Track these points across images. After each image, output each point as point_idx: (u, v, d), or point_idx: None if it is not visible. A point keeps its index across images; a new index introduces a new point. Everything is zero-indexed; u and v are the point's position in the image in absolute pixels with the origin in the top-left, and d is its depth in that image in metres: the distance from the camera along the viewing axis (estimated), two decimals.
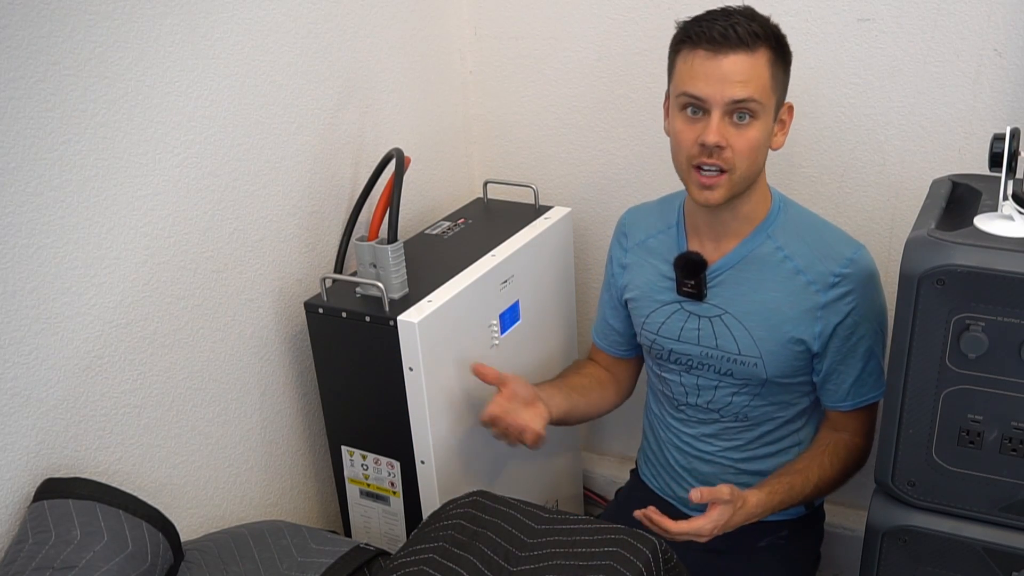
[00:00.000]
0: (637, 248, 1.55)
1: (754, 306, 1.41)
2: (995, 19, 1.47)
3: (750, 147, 1.31)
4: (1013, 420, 1.12)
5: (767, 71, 1.30)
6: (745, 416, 1.49)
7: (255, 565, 1.27)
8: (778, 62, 1.32)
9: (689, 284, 1.44)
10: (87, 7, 1.18)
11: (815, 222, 1.44)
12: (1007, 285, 1.06)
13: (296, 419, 1.64)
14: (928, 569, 1.23)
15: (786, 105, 1.38)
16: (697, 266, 1.43)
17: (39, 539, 1.14)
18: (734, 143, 1.30)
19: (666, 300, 1.49)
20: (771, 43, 1.30)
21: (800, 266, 1.39)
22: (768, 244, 1.41)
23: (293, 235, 1.57)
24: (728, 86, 1.28)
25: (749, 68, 1.28)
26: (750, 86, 1.28)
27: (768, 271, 1.41)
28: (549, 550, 1.16)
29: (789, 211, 1.44)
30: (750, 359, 1.43)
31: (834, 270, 1.38)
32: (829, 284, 1.38)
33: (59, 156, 1.18)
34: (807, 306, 1.39)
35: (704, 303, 1.45)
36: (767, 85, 1.30)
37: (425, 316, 1.42)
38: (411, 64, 1.78)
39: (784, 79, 1.35)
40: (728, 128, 1.30)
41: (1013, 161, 1.16)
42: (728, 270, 1.43)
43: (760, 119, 1.31)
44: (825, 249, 1.39)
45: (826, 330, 1.39)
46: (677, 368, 1.51)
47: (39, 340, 1.19)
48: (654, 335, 1.51)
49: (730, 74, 1.28)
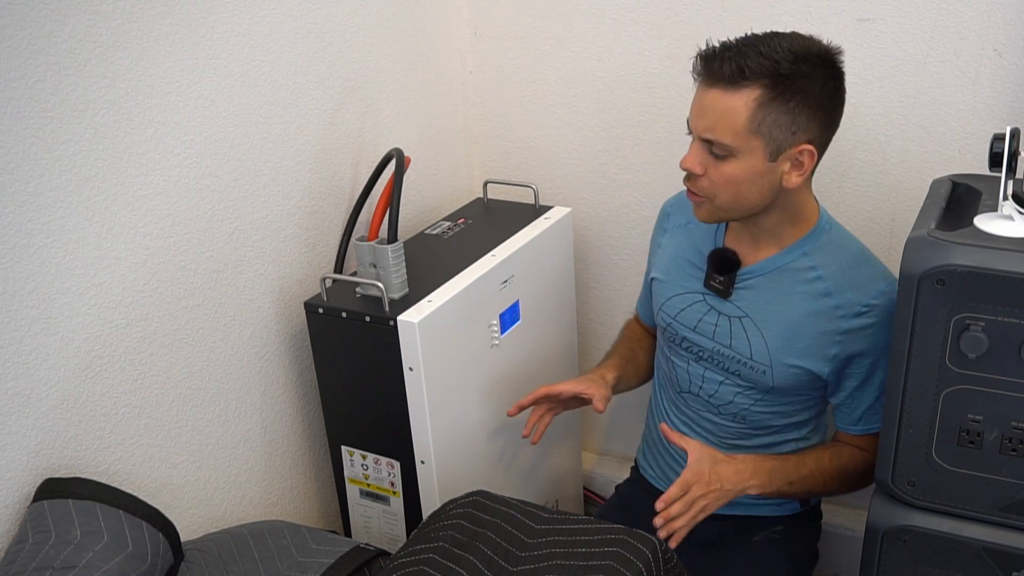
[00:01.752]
0: (677, 231, 1.54)
1: (776, 316, 1.41)
2: (995, 19, 1.47)
3: (724, 181, 1.29)
4: (1013, 420, 1.12)
5: (744, 115, 1.23)
6: (743, 418, 1.49)
7: (255, 565, 1.27)
8: (773, 103, 1.23)
9: (718, 280, 1.44)
10: (87, 7, 1.18)
11: (856, 249, 1.42)
12: (1007, 285, 1.06)
13: (296, 419, 1.64)
14: (928, 569, 1.23)
15: (804, 148, 1.27)
16: (730, 264, 1.43)
17: (39, 539, 1.14)
18: (711, 173, 1.30)
19: (690, 288, 1.49)
20: (765, 81, 1.22)
21: (831, 288, 1.38)
22: (803, 261, 1.40)
23: (293, 235, 1.57)
24: (701, 119, 1.28)
25: (723, 108, 1.24)
26: (717, 127, 1.26)
27: (798, 286, 1.40)
28: (549, 550, 1.16)
29: (832, 234, 1.41)
30: (760, 366, 1.43)
31: (863, 300, 1.36)
32: (855, 313, 1.37)
33: (59, 156, 1.18)
34: (828, 328, 1.38)
35: (727, 302, 1.45)
36: (739, 129, 1.24)
37: (425, 316, 1.42)
38: (411, 64, 1.78)
39: (787, 120, 1.24)
40: (707, 157, 1.30)
41: (1013, 161, 1.16)
42: (758, 276, 1.42)
43: (738, 158, 1.27)
44: (859, 278, 1.37)
45: (841, 355, 1.39)
46: (687, 355, 1.51)
47: (39, 340, 1.19)
48: (671, 319, 1.51)
49: (705, 109, 1.27)
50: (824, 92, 1.26)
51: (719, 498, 1.33)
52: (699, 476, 1.31)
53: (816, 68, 1.25)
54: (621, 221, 1.91)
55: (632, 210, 1.88)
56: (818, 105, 1.26)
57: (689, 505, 1.30)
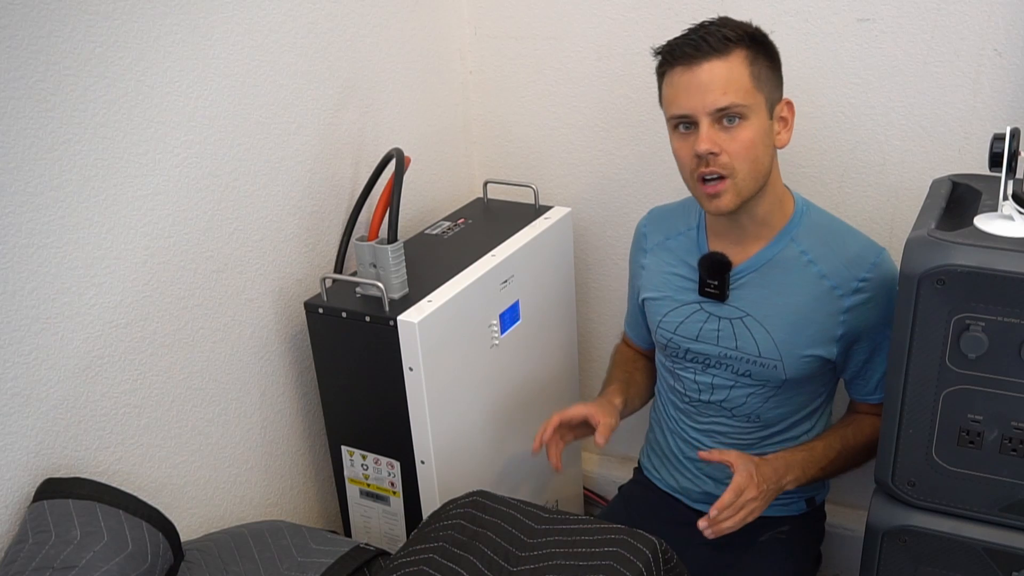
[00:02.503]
0: (657, 249, 1.55)
1: (776, 309, 1.42)
2: (995, 19, 1.47)
3: (745, 148, 1.31)
4: (1013, 420, 1.12)
5: (746, 72, 1.30)
6: (757, 417, 1.49)
7: (255, 565, 1.27)
8: (759, 60, 1.31)
9: (712, 285, 1.45)
10: (87, 7, 1.18)
11: (838, 226, 1.44)
12: (1007, 285, 1.06)
13: (296, 419, 1.64)
14: (928, 569, 1.23)
15: (784, 102, 1.37)
16: (722, 266, 1.43)
17: (39, 539, 1.14)
18: (728, 147, 1.31)
19: (686, 300, 1.49)
20: (745, 43, 1.30)
21: (824, 271, 1.40)
22: (792, 248, 1.41)
23: (293, 235, 1.57)
24: (708, 95, 1.29)
25: (726, 73, 1.29)
26: (730, 91, 1.29)
27: (792, 275, 1.41)
28: (549, 550, 1.16)
29: (812, 215, 1.44)
30: (770, 361, 1.43)
31: (858, 275, 1.38)
32: (853, 289, 1.39)
33: (59, 156, 1.18)
34: (831, 310, 1.39)
35: (725, 304, 1.45)
36: (748, 86, 1.30)
37: (425, 316, 1.42)
38: (411, 64, 1.78)
39: (771, 76, 1.34)
40: (719, 134, 1.31)
41: (1013, 161, 1.16)
42: (751, 273, 1.43)
43: (750, 119, 1.31)
44: (849, 254, 1.40)
45: (848, 333, 1.40)
46: (693, 367, 1.51)
47: (39, 340, 1.19)
48: (671, 334, 1.51)
49: (707, 83, 1.29)
50: (776, 53, 1.36)
51: (767, 498, 1.35)
52: (749, 480, 1.32)
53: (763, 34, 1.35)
54: (621, 221, 1.91)
55: (632, 210, 1.88)
56: (778, 64, 1.37)
57: (740, 508, 1.31)
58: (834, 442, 1.44)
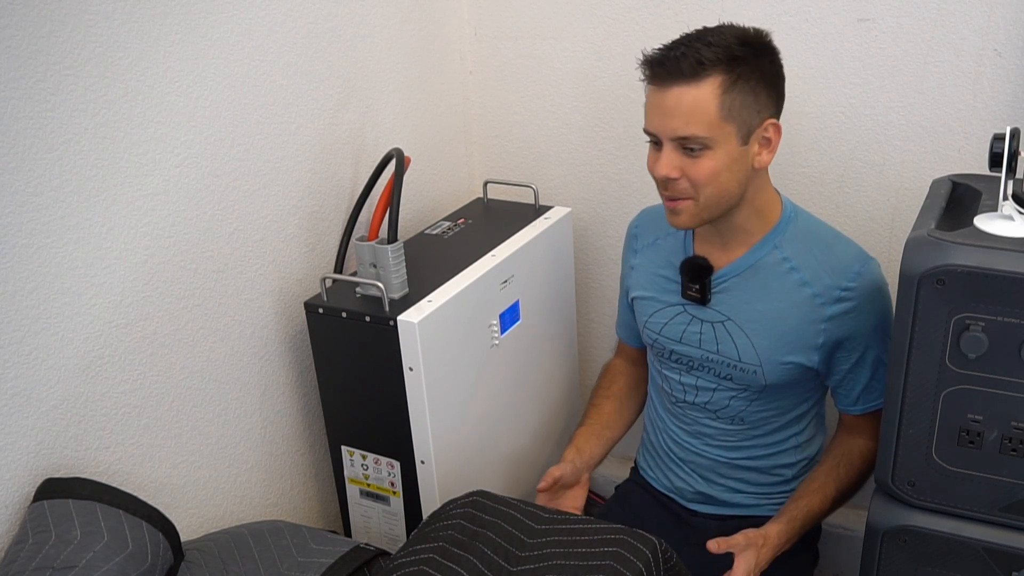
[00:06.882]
0: (647, 249, 1.55)
1: (757, 315, 1.41)
2: (995, 19, 1.47)
3: (706, 176, 1.29)
4: (1013, 420, 1.12)
5: (714, 103, 1.25)
6: (742, 419, 1.49)
7: (255, 565, 1.27)
8: (737, 86, 1.26)
9: (693, 288, 1.45)
10: (87, 7, 1.18)
11: (825, 234, 1.43)
12: (1007, 285, 1.06)
13: (296, 419, 1.64)
14: (928, 569, 1.23)
15: (768, 122, 1.31)
16: (702, 271, 1.43)
17: (39, 539, 1.14)
18: (689, 172, 1.30)
19: (670, 302, 1.49)
20: (722, 68, 1.25)
21: (807, 278, 1.39)
22: (775, 254, 1.41)
23: (293, 235, 1.57)
24: (671, 121, 1.27)
25: (691, 102, 1.25)
26: (692, 122, 1.26)
27: (773, 281, 1.40)
28: (549, 550, 1.16)
29: (799, 221, 1.43)
30: (750, 366, 1.43)
31: (841, 284, 1.37)
32: (835, 298, 1.37)
33: (59, 156, 1.18)
34: (811, 318, 1.39)
35: (707, 308, 1.45)
36: (713, 118, 1.25)
37: (425, 316, 1.42)
38: (411, 64, 1.78)
39: (752, 101, 1.28)
40: (682, 159, 1.29)
41: (1013, 161, 1.16)
42: (733, 277, 1.43)
43: (714, 149, 1.28)
44: (833, 263, 1.38)
45: (829, 342, 1.39)
46: (678, 368, 1.52)
47: (39, 340, 1.19)
48: (656, 334, 1.52)
49: (672, 109, 1.27)
50: (772, 68, 1.31)
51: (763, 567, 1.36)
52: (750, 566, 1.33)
53: (759, 48, 1.30)
54: (621, 221, 1.90)
55: (632, 210, 1.87)
56: (771, 81, 1.31)
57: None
58: (829, 491, 1.43)
